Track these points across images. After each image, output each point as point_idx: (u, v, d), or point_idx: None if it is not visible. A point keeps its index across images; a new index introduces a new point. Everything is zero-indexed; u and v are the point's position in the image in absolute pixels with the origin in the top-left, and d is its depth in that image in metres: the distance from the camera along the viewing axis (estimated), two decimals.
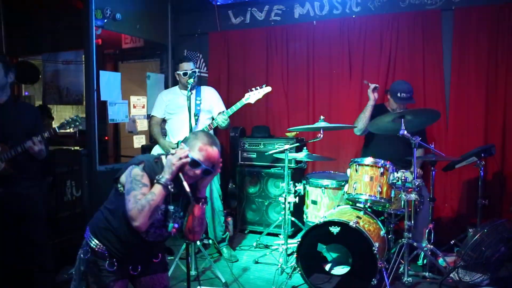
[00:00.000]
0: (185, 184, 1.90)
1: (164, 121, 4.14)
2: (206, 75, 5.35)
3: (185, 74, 3.85)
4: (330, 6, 4.67)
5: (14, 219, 2.90)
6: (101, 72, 4.46)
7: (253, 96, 3.63)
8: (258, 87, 3.65)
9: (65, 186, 4.15)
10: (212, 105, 3.95)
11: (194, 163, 1.90)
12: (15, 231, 2.93)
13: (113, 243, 2.04)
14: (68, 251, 3.63)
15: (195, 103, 3.84)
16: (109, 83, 4.54)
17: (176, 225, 1.97)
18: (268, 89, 3.67)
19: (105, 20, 4.49)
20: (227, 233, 4.17)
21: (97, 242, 2.04)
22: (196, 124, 3.74)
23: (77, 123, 2.91)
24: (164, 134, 4.16)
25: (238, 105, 3.62)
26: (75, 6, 4.91)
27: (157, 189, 1.88)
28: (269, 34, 4.92)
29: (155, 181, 1.90)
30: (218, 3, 5.11)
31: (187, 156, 1.91)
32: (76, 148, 5.46)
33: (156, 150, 4.02)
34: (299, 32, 4.80)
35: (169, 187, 1.88)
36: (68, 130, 3.01)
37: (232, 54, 5.13)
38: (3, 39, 4.39)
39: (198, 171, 1.91)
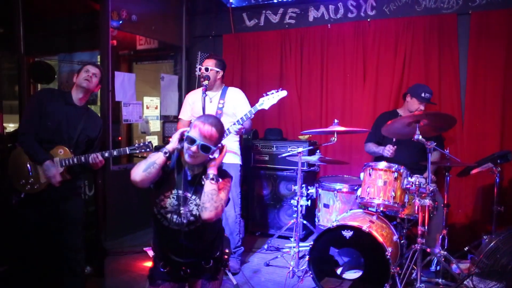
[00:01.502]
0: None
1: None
2: None
3: (206, 69, 3.61)
4: (344, 9, 4.66)
5: (55, 222, 2.89)
6: (116, 73, 4.52)
7: (267, 101, 3.35)
8: (273, 91, 3.37)
9: None
10: (236, 108, 3.66)
11: (189, 139, 1.99)
12: (54, 234, 2.92)
13: (155, 245, 2.20)
14: None
15: (216, 106, 3.64)
16: (124, 84, 4.59)
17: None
18: (283, 93, 3.36)
19: (121, 22, 4.55)
20: (240, 248, 3.83)
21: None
22: None
23: (148, 149, 2.92)
24: None
25: (252, 111, 3.36)
26: (91, 8, 4.98)
27: (155, 154, 2.04)
28: (283, 37, 4.93)
29: None
30: (233, 6, 5.14)
31: (183, 133, 2.06)
32: None
33: None
34: (313, 35, 4.80)
35: (165, 153, 2.02)
36: (138, 153, 3.05)
37: (246, 57, 5.15)
38: (21, 39, 4.45)
39: (194, 148, 1.97)
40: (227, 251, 2.29)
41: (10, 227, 3.16)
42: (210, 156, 2.07)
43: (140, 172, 1.98)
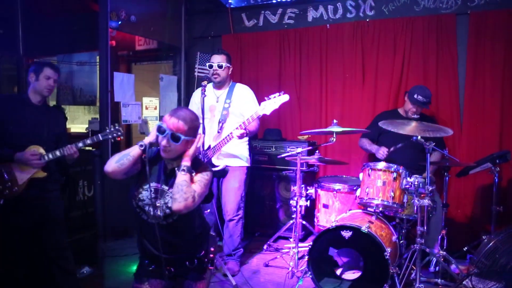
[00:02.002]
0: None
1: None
2: None
3: (210, 66, 3.53)
4: (343, 9, 4.66)
5: (37, 222, 2.92)
6: (115, 73, 4.51)
7: (268, 106, 3.21)
8: (275, 95, 3.21)
9: (77, 186, 4.18)
10: (242, 108, 3.55)
11: (159, 129, 2.01)
12: (37, 234, 2.94)
13: (138, 241, 2.18)
14: (80, 250, 3.68)
15: (223, 106, 3.55)
16: (123, 84, 4.58)
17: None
18: (285, 97, 3.21)
19: (120, 22, 4.54)
20: (239, 249, 3.78)
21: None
22: (219, 131, 3.49)
23: (119, 133, 3.03)
24: None
25: (254, 116, 3.26)
26: (90, 8, 4.98)
27: (133, 147, 2.08)
28: (282, 37, 4.93)
29: None
30: (232, 6, 5.13)
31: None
32: (88, 148, 5.53)
33: None
34: (312, 35, 4.79)
35: (140, 146, 2.03)
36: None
37: (245, 57, 5.14)
38: (20, 40, 4.46)
39: (165, 141, 1.99)
40: (213, 249, 2.27)
41: None
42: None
43: (112, 163, 2.02)
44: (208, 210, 3.46)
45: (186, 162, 2.02)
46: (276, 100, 3.22)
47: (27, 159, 2.77)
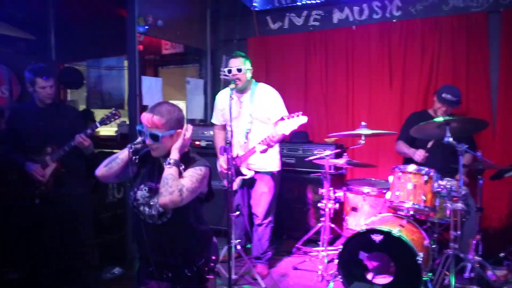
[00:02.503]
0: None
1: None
2: None
3: (229, 71, 3.42)
4: (369, 10, 4.61)
5: (62, 218, 3.04)
6: (143, 77, 4.59)
7: (287, 126, 3.03)
8: (293, 115, 3.04)
9: (107, 188, 4.27)
10: (268, 113, 3.45)
11: (138, 132, 2.02)
12: (62, 230, 3.06)
13: (137, 242, 2.15)
14: (110, 251, 3.75)
15: (247, 113, 3.46)
16: (151, 88, 4.66)
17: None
18: (303, 119, 3.05)
19: (147, 27, 4.61)
20: (268, 253, 3.73)
21: None
22: (246, 140, 3.42)
23: (116, 117, 3.06)
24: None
25: (275, 135, 3.15)
26: (118, 14, 5.08)
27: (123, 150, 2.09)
28: (308, 39, 4.91)
29: None
30: (257, 9, 5.15)
31: None
32: (117, 151, 5.63)
33: (218, 162, 3.69)
34: (338, 37, 4.76)
35: (129, 148, 2.03)
36: (109, 125, 3.16)
37: (270, 60, 5.15)
38: (52, 46, 4.59)
39: (147, 139, 1.98)
40: (214, 258, 2.19)
41: (22, 236, 3.23)
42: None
43: (101, 167, 2.06)
44: (238, 212, 3.43)
45: (173, 156, 1.97)
46: (294, 121, 3.05)
47: (34, 172, 2.91)
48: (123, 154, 2.05)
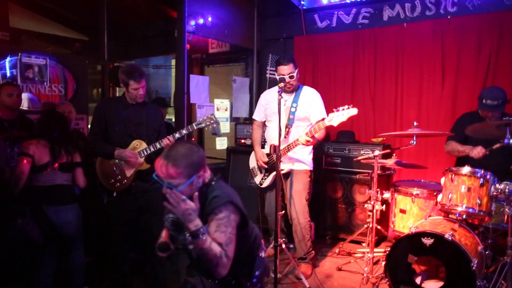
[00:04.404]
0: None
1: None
2: None
3: (281, 80, 3.38)
4: (422, 7, 4.47)
5: (141, 213, 3.11)
6: (191, 76, 4.69)
7: (336, 118, 3.09)
8: (343, 108, 3.08)
9: None
10: (309, 113, 3.51)
11: (157, 178, 1.78)
12: (139, 223, 3.13)
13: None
14: None
15: (289, 111, 3.51)
16: (198, 86, 4.75)
17: None
18: (353, 111, 3.08)
19: (196, 27, 4.71)
20: (311, 252, 3.72)
21: None
22: (286, 135, 3.46)
23: (212, 121, 3.11)
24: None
25: (321, 125, 3.19)
26: (166, 14, 5.21)
27: None
28: (356, 37, 4.83)
29: None
30: (304, 7, 5.13)
31: None
32: None
33: (251, 158, 3.82)
34: (388, 35, 4.64)
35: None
36: (204, 127, 3.18)
37: (318, 58, 5.11)
38: (105, 46, 4.77)
39: (165, 189, 1.74)
40: (257, 274, 2.03)
41: (99, 223, 3.40)
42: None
43: None
44: (283, 212, 3.42)
45: (192, 225, 1.70)
46: (344, 113, 3.08)
47: (125, 156, 2.97)
48: None
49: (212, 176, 1.92)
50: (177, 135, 3.02)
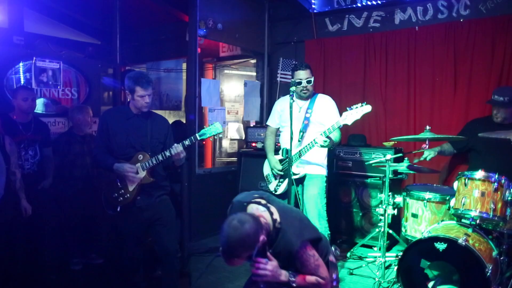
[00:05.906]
0: None
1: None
2: None
3: (298, 83, 3.44)
4: (434, 10, 4.44)
5: (146, 227, 3.02)
6: (202, 79, 4.72)
7: (350, 116, 3.11)
8: (357, 106, 3.12)
9: None
10: (323, 117, 3.49)
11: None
12: (147, 238, 3.12)
13: None
14: None
15: (304, 116, 3.52)
16: (210, 90, 4.78)
17: None
18: (367, 108, 3.11)
19: (207, 30, 4.74)
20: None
21: None
22: (300, 140, 3.46)
23: (217, 132, 2.96)
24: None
25: (335, 125, 3.18)
26: (177, 18, 5.26)
27: None
28: (367, 41, 4.81)
29: None
30: (315, 11, 5.13)
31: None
32: None
33: (265, 165, 3.79)
34: (400, 38, 4.63)
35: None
36: (209, 138, 3.09)
37: (328, 62, 5.10)
38: (118, 50, 4.83)
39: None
40: (335, 277, 2.17)
41: (111, 228, 3.41)
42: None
43: None
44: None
45: (283, 277, 1.93)
46: (358, 111, 3.10)
47: (123, 170, 2.85)
48: None
49: (273, 219, 1.99)
50: (187, 143, 2.89)
